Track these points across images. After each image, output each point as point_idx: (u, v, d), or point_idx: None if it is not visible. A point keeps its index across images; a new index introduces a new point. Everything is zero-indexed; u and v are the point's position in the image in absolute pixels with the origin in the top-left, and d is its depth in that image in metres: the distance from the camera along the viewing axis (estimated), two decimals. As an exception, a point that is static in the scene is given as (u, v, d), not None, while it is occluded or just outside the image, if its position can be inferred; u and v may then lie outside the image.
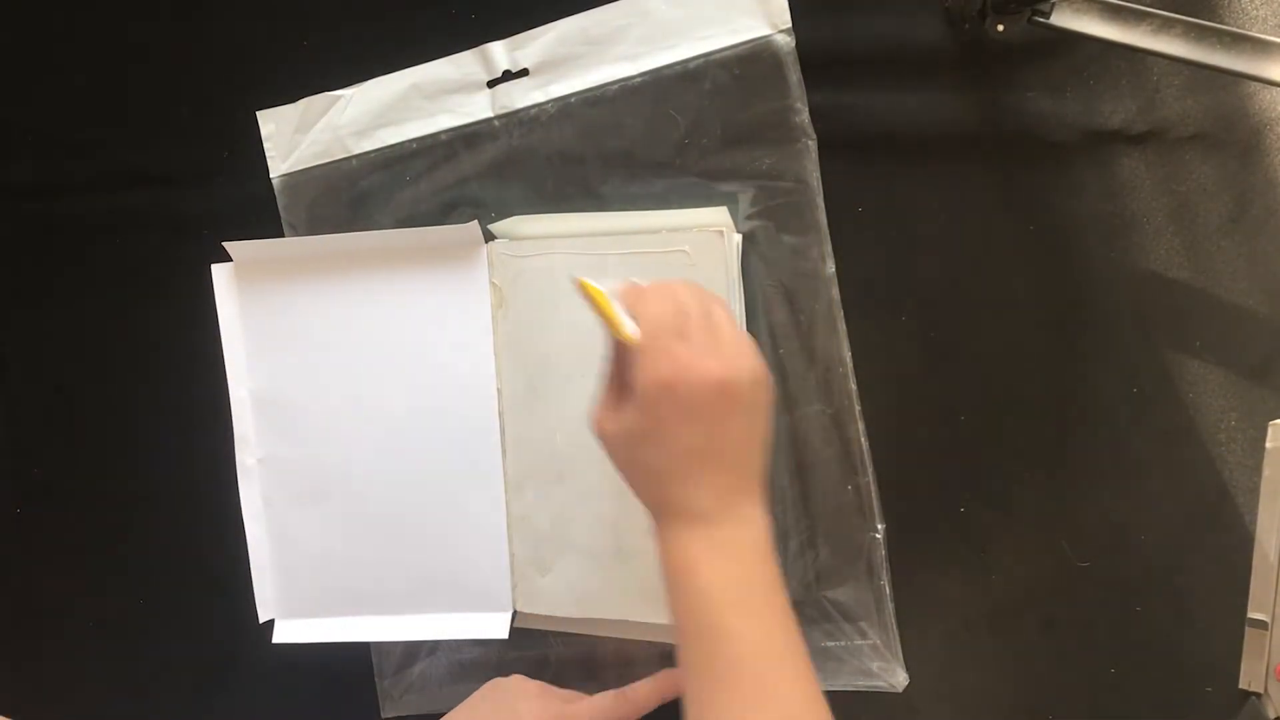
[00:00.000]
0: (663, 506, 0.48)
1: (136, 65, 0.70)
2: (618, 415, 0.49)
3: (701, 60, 0.61)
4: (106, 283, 0.72)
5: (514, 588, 0.64)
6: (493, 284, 0.63)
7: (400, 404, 0.65)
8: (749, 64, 0.60)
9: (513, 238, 0.63)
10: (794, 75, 0.59)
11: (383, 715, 0.69)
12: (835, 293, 0.60)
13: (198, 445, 0.69)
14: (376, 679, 0.69)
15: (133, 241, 0.71)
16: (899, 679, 0.60)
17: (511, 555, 0.64)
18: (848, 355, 0.60)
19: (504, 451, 0.64)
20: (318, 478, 0.66)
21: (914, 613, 0.61)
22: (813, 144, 0.60)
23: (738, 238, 0.60)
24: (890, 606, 0.60)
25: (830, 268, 0.60)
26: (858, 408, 0.60)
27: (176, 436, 0.70)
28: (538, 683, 0.60)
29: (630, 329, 0.48)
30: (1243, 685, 0.58)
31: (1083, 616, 0.60)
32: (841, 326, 0.60)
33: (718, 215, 0.60)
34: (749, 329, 0.61)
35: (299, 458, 0.67)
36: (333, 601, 0.67)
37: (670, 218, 0.60)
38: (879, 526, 0.60)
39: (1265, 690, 0.57)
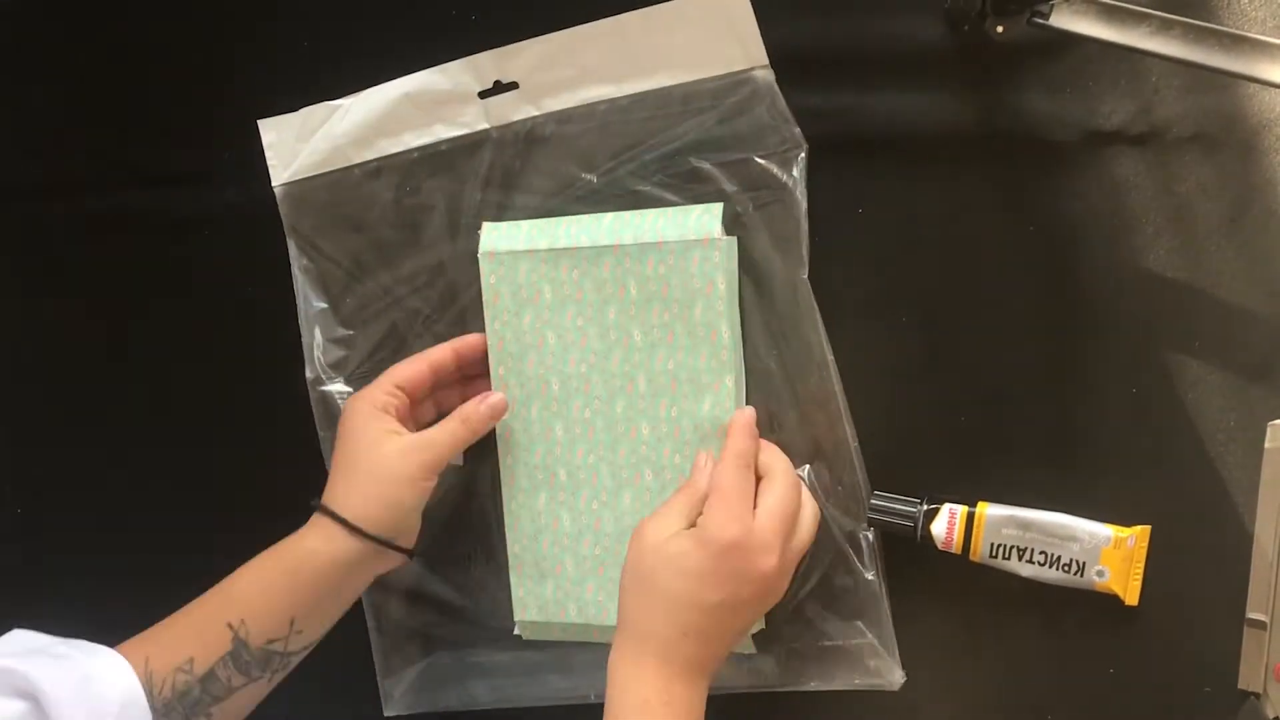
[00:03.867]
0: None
1: (137, 66, 0.70)
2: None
3: (685, 88, 0.60)
4: (107, 283, 0.72)
5: (512, 588, 0.65)
6: (492, 285, 0.63)
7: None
8: (732, 93, 0.60)
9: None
10: (779, 102, 0.59)
11: (384, 715, 0.69)
12: (811, 298, 0.60)
13: (197, 447, 0.69)
14: (377, 679, 0.69)
15: (133, 241, 0.71)
16: (896, 677, 0.60)
17: (511, 557, 0.64)
18: (830, 356, 0.60)
19: (503, 452, 0.64)
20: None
21: (913, 612, 0.61)
22: (802, 152, 0.59)
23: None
24: (886, 604, 0.60)
25: (804, 272, 0.60)
26: (844, 406, 0.60)
27: (175, 437, 0.70)
28: (382, 417, 0.59)
29: None
30: (1242, 685, 0.58)
31: (1083, 616, 0.60)
32: (821, 328, 0.60)
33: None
34: (741, 330, 0.61)
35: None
36: None
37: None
38: (874, 525, 0.60)
39: (1264, 690, 0.57)
